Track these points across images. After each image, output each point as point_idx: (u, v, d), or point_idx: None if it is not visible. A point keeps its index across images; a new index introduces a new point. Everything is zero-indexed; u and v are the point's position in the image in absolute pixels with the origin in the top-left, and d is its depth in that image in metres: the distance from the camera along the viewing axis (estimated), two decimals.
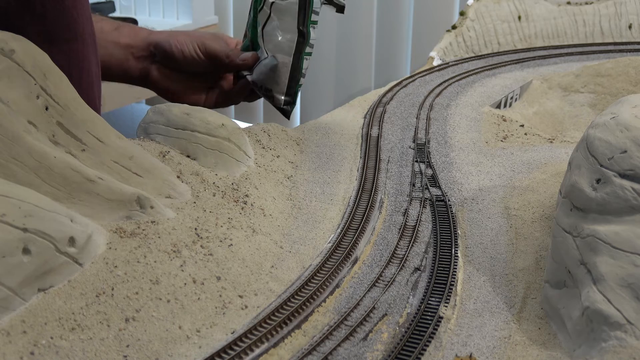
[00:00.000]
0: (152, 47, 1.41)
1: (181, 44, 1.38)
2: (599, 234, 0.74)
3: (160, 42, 1.40)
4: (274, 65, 1.30)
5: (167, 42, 1.39)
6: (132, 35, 1.42)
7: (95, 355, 0.67)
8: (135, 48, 1.41)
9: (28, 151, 0.77)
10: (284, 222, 1.04)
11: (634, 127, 0.77)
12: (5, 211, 0.67)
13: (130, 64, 1.41)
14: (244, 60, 1.36)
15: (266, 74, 1.32)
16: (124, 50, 1.40)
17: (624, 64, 1.92)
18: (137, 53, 1.41)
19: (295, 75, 1.31)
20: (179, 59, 1.39)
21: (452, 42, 2.08)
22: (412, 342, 0.76)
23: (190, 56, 1.38)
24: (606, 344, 0.68)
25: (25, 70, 0.80)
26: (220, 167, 1.06)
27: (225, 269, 0.86)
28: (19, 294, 0.68)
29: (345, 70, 3.03)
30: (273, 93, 1.33)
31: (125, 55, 1.40)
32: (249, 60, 1.35)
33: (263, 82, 1.33)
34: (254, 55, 1.35)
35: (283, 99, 1.33)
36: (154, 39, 1.41)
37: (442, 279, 0.88)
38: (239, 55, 1.37)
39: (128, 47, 1.40)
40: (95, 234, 0.78)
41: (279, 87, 1.32)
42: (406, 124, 1.47)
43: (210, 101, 1.46)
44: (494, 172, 1.22)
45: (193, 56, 1.38)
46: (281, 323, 0.77)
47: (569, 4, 2.25)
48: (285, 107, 1.34)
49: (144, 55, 1.41)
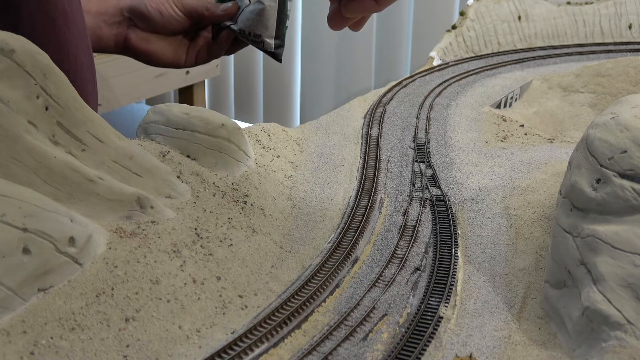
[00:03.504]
0: (126, 12, 1.35)
1: (157, 4, 1.34)
2: (599, 234, 0.74)
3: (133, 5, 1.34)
4: (261, 10, 1.29)
5: (142, 4, 1.34)
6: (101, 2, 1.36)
7: (95, 355, 0.67)
8: (107, 15, 1.35)
9: (28, 151, 0.77)
10: (284, 222, 1.04)
11: (634, 127, 0.77)
12: (5, 211, 0.67)
13: (103, 31, 1.35)
14: (225, 10, 1.32)
15: (253, 19, 1.30)
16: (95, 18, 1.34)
17: (624, 64, 1.92)
18: (109, 20, 1.35)
19: (282, 18, 1.29)
20: (157, 20, 1.34)
21: (452, 42, 2.08)
22: (412, 342, 0.76)
23: (169, 14, 1.34)
24: (606, 344, 0.68)
25: (25, 70, 0.79)
26: (220, 167, 1.06)
27: (225, 269, 0.86)
28: (19, 294, 0.68)
29: (345, 70, 3.03)
30: (263, 38, 1.31)
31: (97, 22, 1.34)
32: (231, 10, 1.32)
33: (251, 29, 1.32)
34: (234, 4, 1.32)
35: (274, 43, 1.32)
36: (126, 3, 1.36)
37: (442, 279, 0.88)
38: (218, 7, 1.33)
39: (99, 15, 1.35)
40: (95, 234, 0.78)
41: (268, 31, 1.31)
42: (406, 124, 1.47)
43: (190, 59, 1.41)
44: (494, 172, 1.22)
45: (171, 14, 1.34)
46: (281, 323, 0.77)
47: (569, 4, 2.25)
48: (277, 50, 1.33)
49: (117, 21, 1.36)
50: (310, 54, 3.05)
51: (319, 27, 2.96)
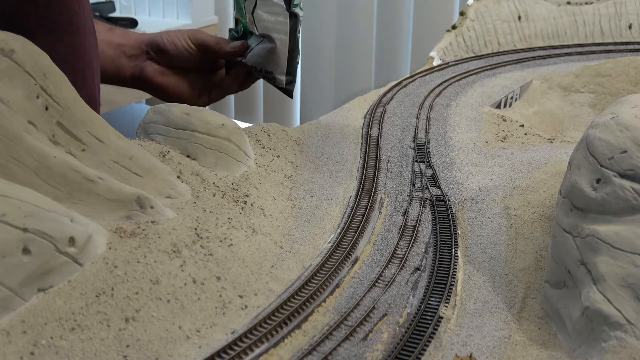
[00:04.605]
0: (144, 45, 1.45)
1: (172, 37, 1.43)
2: (599, 234, 0.74)
3: (152, 39, 1.45)
4: (272, 48, 1.33)
5: (160, 37, 1.44)
6: (124, 36, 1.46)
7: (95, 355, 0.67)
8: (128, 47, 1.45)
9: (28, 151, 0.77)
10: (284, 222, 1.04)
11: (634, 127, 0.77)
12: (5, 211, 0.67)
13: (122, 61, 1.44)
14: (234, 47, 1.41)
15: (264, 57, 1.35)
16: (117, 49, 1.44)
17: (624, 64, 1.92)
18: (129, 52, 1.45)
19: (293, 55, 1.34)
20: (172, 52, 1.43)
21: (452, 42, 2.08)
22: (412, 342, 0.76)
23: (182, 47, 1.43)
24: (606, 344, 0.68)
25: (25, 70, 0.80)
26: (220, 167, 1.06)
27: (225, 269, 0.86)
28: (19, 294, 0.68)
29: (345, 70, 3.03)
30: (275, 75, 1.37)
31: (117, 53, 1.44)
32: (239, 48, 1.40)
33: (262, 66, 1.37)
34: (243, 43, 1.41)
35: (285, 79, 1.36)
36: (145, 38, 1.46)
37: (442, 279, 0.88)
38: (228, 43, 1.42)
39: (120, 46, 1.44)
40: (95, 234, 0.78)
41: (279, 68, 1.35)
42: (406, 124, 1.47)
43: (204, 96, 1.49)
44: (494, 172, 1.22)
45: (185, 47, 1.43)
46: (281, 323, 0.77)
47: (569, 4, 2.25)
48: (288, 86, 1.37)
49: (135, 54, 1.45)
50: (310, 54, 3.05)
51: (319, 27, 2.96)
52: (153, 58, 1.45)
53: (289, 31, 1.32)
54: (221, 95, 1.53)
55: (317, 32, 3.00)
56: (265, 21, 1.33)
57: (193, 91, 1.48)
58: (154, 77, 1.45)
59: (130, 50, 1.45)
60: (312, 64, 3.08)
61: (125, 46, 1.44)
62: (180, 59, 1.44)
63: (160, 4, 2.97)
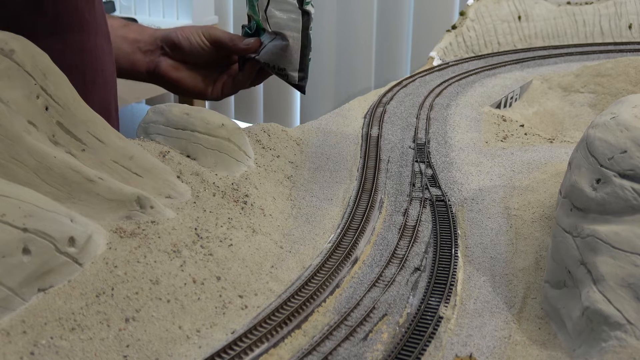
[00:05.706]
0: (159, 41, 1.46)
1: (187, 33, 1.44)
2: (599, 234, 0.74)
3: (167, 34, 1.46)
4: (284, 46, 1.35)
5: (174, 33, 1.45)
6: (139, 32, 1.47)
7: (95, 355, 0.67)
8: (142, 42, 1.46)
9: (28, 151, 0.77)
10: (284, 222, 1.04)
11: (634, 127, 0.77)
12: (5, 211, 0.67)
13: (137, 56, 1.45)
14: (248, 44, 1.41)
15: (277, 54, 1.37)
16: (132, 44, 1.45)
17: (624, 64, 1.92)
18: (144, 47, 1.46)
19: (305, 52, 1.36)
20: (186, 48, 1.44)
21: (452, 42, 2.08)
22: (412, 342, 0.75)
23: (197, 43, 1.44)
24: (606, 344, 0.68)
25: (25, 70, 0.80)
26: (220, 167, 1.06)
27: (225, 269, 0.86)
28: (19, 294, 0.68)
29: (345, 70, 3.03)
30: (287, 72, 1.39)
31: (132, 49, 1.45)
32: (253, 45, 1.41)
33: (275, 63, 1.39)
34: (257, 40, 1.41)
35: (297, 76, 1.37)
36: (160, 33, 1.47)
37: (442, 279, 0.88)
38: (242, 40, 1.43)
39: (135, 42, 1.45)
40: (95, 234, 0.78)
41: (292, 65, 1.38)
42: (406, 124, 1.47)
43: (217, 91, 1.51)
44: (494, 172, 1.21)
45: (199, 43, 1.43)
46: (281, 323, 0.77)
47: (569, 4, 2.25)
48: (301, 82, 1.39)
49: (150, 49, 1.46)
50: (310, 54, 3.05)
51: (319, 27, 2.96)
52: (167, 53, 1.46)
53: (301, 29, 1.34)
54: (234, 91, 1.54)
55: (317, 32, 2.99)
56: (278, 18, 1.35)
57: (206, 86, 1.50)
58: (168, 72, 1.47)
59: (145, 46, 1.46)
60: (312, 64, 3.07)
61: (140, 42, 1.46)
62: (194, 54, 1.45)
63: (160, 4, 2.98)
